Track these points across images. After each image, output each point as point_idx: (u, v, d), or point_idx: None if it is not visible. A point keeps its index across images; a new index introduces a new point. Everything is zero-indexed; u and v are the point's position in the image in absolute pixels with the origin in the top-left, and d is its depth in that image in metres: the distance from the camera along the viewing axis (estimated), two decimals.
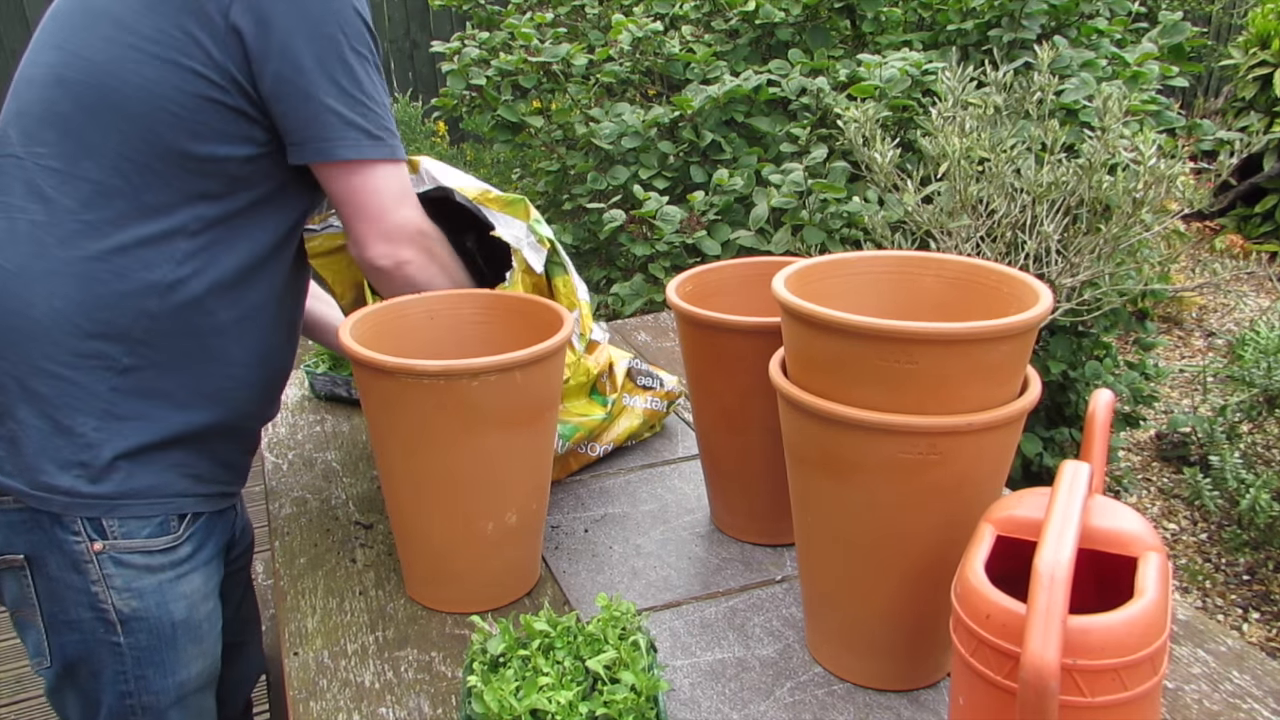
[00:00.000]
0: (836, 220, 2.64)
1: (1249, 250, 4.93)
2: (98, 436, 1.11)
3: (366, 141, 1.14)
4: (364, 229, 1.18)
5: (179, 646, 1.21)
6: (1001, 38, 3.02)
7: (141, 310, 1.12)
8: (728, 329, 1.18)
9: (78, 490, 1.11)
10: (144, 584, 1.16)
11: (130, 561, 1.15)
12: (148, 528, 1.16)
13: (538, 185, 3.73)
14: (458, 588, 1.17)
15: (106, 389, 1.12)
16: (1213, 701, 1.00)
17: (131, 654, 1.18)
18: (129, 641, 1.18)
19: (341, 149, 1.13)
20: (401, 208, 1.18)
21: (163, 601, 1.18)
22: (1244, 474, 2.67)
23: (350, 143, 1.13)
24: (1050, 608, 0.68)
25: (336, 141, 1.13)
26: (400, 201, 1.18)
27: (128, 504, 1.14)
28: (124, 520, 1.14)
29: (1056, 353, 2.65)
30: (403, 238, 1.19)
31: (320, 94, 1.11)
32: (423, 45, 5.92)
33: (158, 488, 1.16)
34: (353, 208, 1.17)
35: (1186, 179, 2.09)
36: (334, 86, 1.12)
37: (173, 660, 1.21)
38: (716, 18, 3.61)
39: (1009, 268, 1.02)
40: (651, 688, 0.89)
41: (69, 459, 1.11)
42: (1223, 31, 6.97)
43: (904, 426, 0.89)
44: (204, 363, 1.17)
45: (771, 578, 1.24)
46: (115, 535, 1.14)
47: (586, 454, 1.50)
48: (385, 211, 1.17)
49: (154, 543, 1.16)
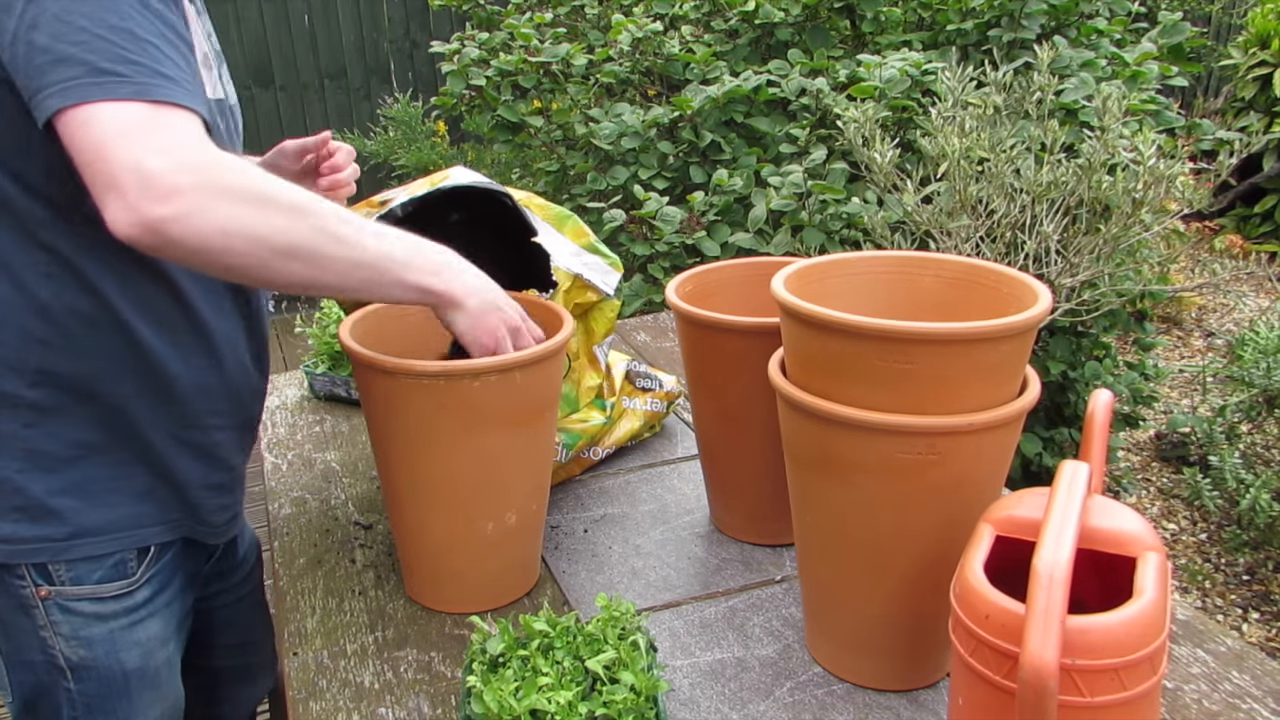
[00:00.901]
0: (836, 221, 2.64)
1: (1248, 250, 4.93)
2: (23, 479, 1.01)
3: (86, 79, 0.82)
4: (96, 186, 0.83)
5: (132, 695, 1.13)
6: (1001, 38, 3.02)
7: (27, 336, 0.98)
8: (727, 329, 1.18)
9: (19, 536, 1.02)
10: (92, 632, 1.08)
11: (78, 609, 1.06)
12: (99, 570, 1.06)
13: (537, 185, 3.73)
14: (457, 588, 1.17)
15: (19, 426, 1.00)
16: (1212, 701, 1.00)
17: (82, 700, 1.11)
18: (79, 689, 1.10)
19: (53, 96, 0.83)
20: (144, 152, 0.82)
21: (113, 650, 1.09)
22: (1243, 474, 2.67)
23: (62, 85, 0.83)
24: (1049, 608, 0.68)
25: (50, 88, 0.83)
26: (142, 139, 0.82)
27: (78, 544, 1.04)
28: (72, 564, 1.04)
29: (1056, 353, 2.65)
30: (148, 194, 0.82)
31: (25, 29, 0.83)
32: (422, 45, 5.92)
33: (111, 523, 1.05)
34: (83, 164, 0.83)
35: (1186, 179, 2.09)
36: (42, 15, 0.83)
37: (126, 709, 1.13)
38: (716, 18, 3.61)
39: (1008, 268, 1.02)
40: (651, 688, 0.89)
41: (3, 505, 1.02)
42: (1222, 31, 6.97)
43: (903, 427, 0.89)
44: (120, 380, 1.02)
45: (771, 578, 1.24)
46: (62, 581, 1.05)
47: (589, 458, 1.50)
48: (120, 156, 0.82)
49: (105, 589, 1.07)
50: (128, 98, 0.83)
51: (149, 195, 0.81)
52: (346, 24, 5.68)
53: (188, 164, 0.83)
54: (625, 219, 2.88)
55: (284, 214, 0.88)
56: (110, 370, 1.02)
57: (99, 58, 0.83)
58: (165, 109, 0.84)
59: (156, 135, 0.83)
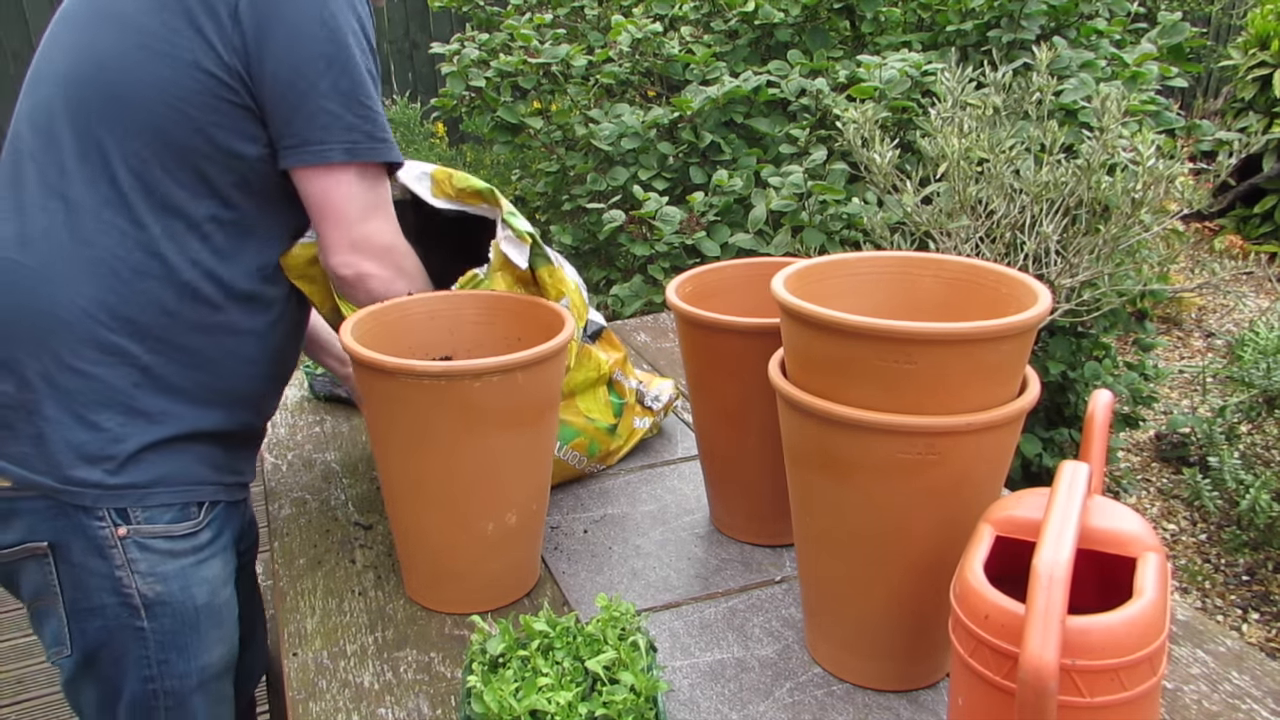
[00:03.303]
0: (836, 222, 2.64)
1: (1248, 251, 4.93)
2: (122, 431, 1.13)
3: (354, 144, 1.13)
4: (332, 235, 1.16)
5: (202, 631, 1.22)
6: (1001, 38, 3.02)
7: (160, 308, 1.14)
8: (727, 329, 1.18)
9: (104, 483, 1.13)
10: (167, 568, 1.18)
11: (154, 546, 1.17)
12: (169, 514, 1.17)
13: (537, 186, 3.73)
14: (457, 588, 1.17)
15: (129, 384, 1.14)
16: (1212, 702, 1.00)
17: (155, 638, 1.19)
18: (153, 626, 1.19)
19: (328, 152, 1.12)
20: (371, 219, 1.17)
21: (186, 585, 1.19)
22: (1243, 475, 2.67)
23: (335, 145, 1.12)
24: (1049, 608, 0.68)
25: (327, 145, 1.12)
26: (371, 211, 1.16)
27: (153, 491, 1.16)
28: (148, 508, 1.16)
29: (1056, 353, 2.65)
30: (369, 250, 1.17)
31: (316, 95, 1.10)
32: (422, 46, 5.92)
33: (180, 475, 1.18)
34: (322, 211, 1.16)
35: (1185, 179, 2.09)
36: (331, 88, 1.11)
37: (196, 644, 1.22)
38: (716, 18, 3.61)
39: (1008, 268, 1.02)
40: (651, 688, 0.89)
41: (95, 453, 1.12)
42: (1222, 32, 6.97)
43: (903, 426, 0.89)
44: (219, 361, 1.19)
45: (771, 578, 1.24)
46: (139, 521, 1.15)
47: (591, 470, 1.50)
48: (354, 220, 1.15)
49: (176, 528, 1.18)
50: (370, 161, 1.15)
51: (369, 254, 1.18)
52: None
53: (394, 245, 1.21)
54: (625, 219, 2.88)
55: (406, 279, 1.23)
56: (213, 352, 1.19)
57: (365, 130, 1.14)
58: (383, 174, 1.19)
59: (384, 208, 1.19)
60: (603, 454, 1.48)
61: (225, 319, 1.19)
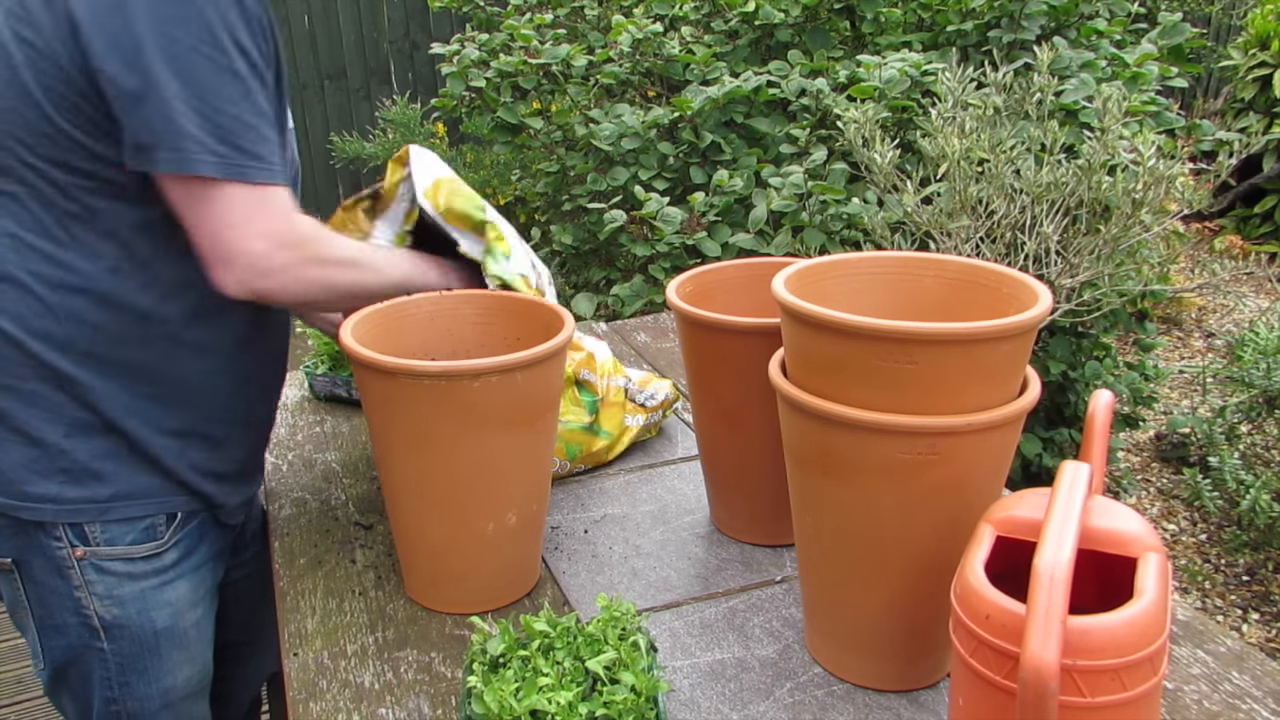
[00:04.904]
0: (836, 222, 2.64)
1: (1248, 251, 4.93)
2: (70, 444, 1.10)
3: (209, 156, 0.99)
4: (208, 257, 1.04)
5: (163, 654, 1.20)
6: (1001, 38, 3.02)
7: (80, 320, 1.08)
8: (728, 329, 1.18)
9: (61, 496, 1.11)
10: (124, 591, 1.16)
11: (111, 569, 1.14)
12: (132, 533, 1.15)
13: (537, 186, 3.73)
14: (457, 588, 1.17)
15: (66, 399, 1.10)
16: (1212, 702, 1.00)
17: (115, 660, 1.18)
18: (112, 648, 1.17)
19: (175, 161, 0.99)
20: (248, 238, 1.02)
21: (144, 609, 1.17)
22: (1243, 475, 2.67)
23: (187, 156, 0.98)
24: (1050, 608, 0.68)
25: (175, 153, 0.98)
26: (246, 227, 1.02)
27: (113, 506, 1.13)
28: (107, 525, 1.13)
29: (1056, 353, 2.65)
30: (254, 271, 1.04)
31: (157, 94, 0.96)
32: (422, 46, 5.92)
33: (141, 488, 1.15)
34: (194, 232, 1.04)
35: (1186, 180, 2.09)
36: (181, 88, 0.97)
37: (157, 668, 1.20)
38: (716, 19, 3.61)
39: (1009, 268, 1.02)
40: (651, 688, 0.89)
41: (46, 467, 1.10)
42: (1222, 32, 6.97)
43: (903, 427, 0.89)
44: (161, 372, 1.13)
45: (771, 578, 1.24)
46: (97, 541, 1.13)
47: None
48: (230, 241, 1.02)
49: (136, 549, 1.15)
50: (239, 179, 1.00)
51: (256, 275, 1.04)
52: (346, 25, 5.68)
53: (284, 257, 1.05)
54: (626, 220, 2.88)
55: (346, 269, 1.12)
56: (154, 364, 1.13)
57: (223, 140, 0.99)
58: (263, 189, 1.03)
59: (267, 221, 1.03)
60: (585, 454, 1.47)
61: (160, 329, 1.11)
